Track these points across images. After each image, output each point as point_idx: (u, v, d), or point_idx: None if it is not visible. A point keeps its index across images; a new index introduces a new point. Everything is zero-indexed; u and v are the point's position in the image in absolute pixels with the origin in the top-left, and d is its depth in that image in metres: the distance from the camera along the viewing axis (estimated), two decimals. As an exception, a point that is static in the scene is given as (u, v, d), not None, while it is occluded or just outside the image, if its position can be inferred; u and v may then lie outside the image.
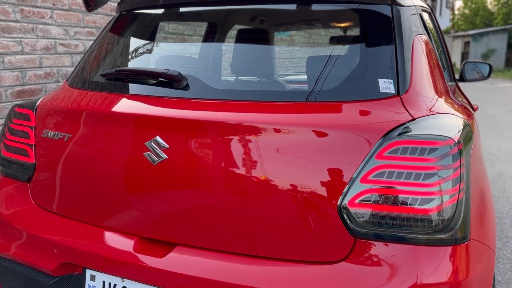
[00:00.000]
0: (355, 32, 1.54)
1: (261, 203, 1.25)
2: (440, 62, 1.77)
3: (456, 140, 1.18)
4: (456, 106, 1.60)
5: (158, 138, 1.35)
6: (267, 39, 1.86)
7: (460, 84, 3.09)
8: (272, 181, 1.24)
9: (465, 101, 2.33)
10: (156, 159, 1.34)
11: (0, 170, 1.77)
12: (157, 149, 1.34)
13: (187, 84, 1.44)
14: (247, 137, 1.28)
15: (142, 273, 1.35)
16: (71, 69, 2.95)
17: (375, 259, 1.17)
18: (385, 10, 1.46)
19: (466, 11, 29.59)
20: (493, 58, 26.22)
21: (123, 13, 1.88)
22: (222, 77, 1.70)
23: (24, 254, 1.57)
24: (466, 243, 1.19)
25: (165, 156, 1.33)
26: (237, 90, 1.46)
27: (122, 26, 1.85)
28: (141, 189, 1.39)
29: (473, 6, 28.45)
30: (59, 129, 1.55)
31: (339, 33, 1.77)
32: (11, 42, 2.54)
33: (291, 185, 1.23)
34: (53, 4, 2.78)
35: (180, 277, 1.29)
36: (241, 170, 1.28)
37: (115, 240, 1.44)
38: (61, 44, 2.87)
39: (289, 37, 1.85)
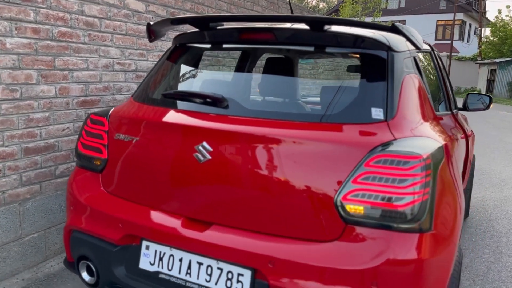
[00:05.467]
0: (358, 69, 1.98)
1: (277, 195, 1.70)
2: (429, 96, 2.19)
3: (424, 157, 1.60)
4: (438, 132, 2.02)
5: (204, 143, 1.81)
6: (289, 69, 2.31)
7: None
8: (286, 179, 1.69)
9: (456, 128, 2.73)
10: (202, 158, 1.81)
11: (77, 162, 2.26)
12: (203, 151, 1.81)
13: (228, 104, 1.92)
14: (269, 146, 1.73)
15: (187, 243, 1.81)
16: (125, 84, 3.48)
17: (360, 240, 1.60)
18: (382, 54, 1.91)
19: (494, 39, 29.60)
20: (519, 87, 26.07)
21: (178, 45, 2.37)
22: (253, 99, 2.17)
23: (95, 228, 2.04)
24: (430, 233, 1.60)
25: (209, 157, 1.80)
26: (264, 111, 1.92)
27: (176, 56, 2.34)
28: (189, 181, 1.85)
29: (501, 34, 28.45)
30: (129, 133, 2.04)
31: (346, 69, 2.22)
32: (80, 60, 3.07)
33: (301, 183, 1.67)
34: (113, 30, 3.32)
35: (215, 246, 1.74)
36: (263, 171, 1.73)
37: (166, 218, 1.90)
38: (118, 63, 3.40)
39: (309, 70, 2.31)
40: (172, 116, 1.98)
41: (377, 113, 1.76)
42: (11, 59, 2.63)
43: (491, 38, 30.46)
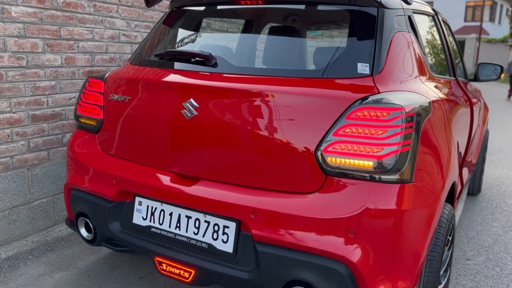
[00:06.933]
0: (348, 25, 1.96)
1: (261, 149, 1.72)
2: (424, 56, 2.15)
3: (406, 109, 1.59)
4: (428, 90, 1.99)
5: (191, 100, 1.84)
6: (289, 35, 2.30)
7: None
8: (269, 133, 1.70)
9: (459, 94, 2.67)
10: (189, 114, 1.84)
11: (76, 124, 2.34)
12: (190, 108, 1.84)
13: (216, 62, 1.94)
14: (253, 102, 1.74)
15: (176, 197, 1.85)
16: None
17: (340, 191, 1.61)
18: (372, 11, 1.88)
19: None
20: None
21: (174, 9, 2.39)
22: (242, 57, 2.18)
23: (92, 185, 2.11)
24: (410, 184, 1.59)
25: (195, 113, 1.83)
26: (251, 67, 1.93)
27: (172, 19, 2.37)
28: (177, 138, 1.89)
29: (534, 14, 27.34)
30: (122, 93, 2.08)
31: (337, 26, 2.20)
32: (85, 31, 3.14)
33: (284, 137, 1.68)
34: (119, 1, 3.37)
35: (202, 200, 1.78)
36: (247, 126, 1.75)
37: (157, 174, 1.95)
38: (124, 35, 3.45)
39: (299, 29, 2.28)
40: (162, 75, 2.02)
41: (363, 67, 1.75)
42: (16, 27, 2.70)
43: (523, 19, 29.31)
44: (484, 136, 4.10)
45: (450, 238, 2.12)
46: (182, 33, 2.35)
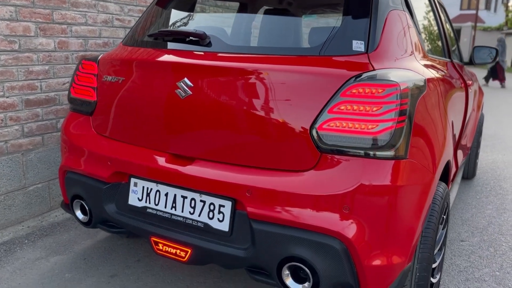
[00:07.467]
0: (343, 3, 1.94)
1: (256, 127, 1.71)
2: (419, 35, 2.14)
3: (401, 85, 1.59)
4: (423, 68, 1.98)
5: (186, 79, 1.83)
6: (282, 16, 2.29)
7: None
8: (264, 112, 1.70)
9: (454, 75, 2.67)
10: (183, 94, 1.83)
11: (70, 107, 2.32)
12: (184, 87, 1.83)
13: (210, 42, 1.92)
14: (248, 80, 1.73)
15: (171, 178, 1.85)
16: (124, 40, 3.51)
17: (335, 168, 1.61)
18: (368, -12, 1.87)
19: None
20: (547, 57, 25.08)
21: (167, -10, 2.37)
22: (236, 36, 2.17)
23: (87, 167, 2.10)
24: (405, 160, 1.59)
25: (190, 92, 1.82)
26: (245, 46, 1.92)
27: (165, 1, 2.35)
28: (171, 118, 1.88)
29: (529, 2, 27.30)
30: (115, 74, 2.07)
31: (333, 4, 2.19)
32: (78, 15, 3.11)
33: (279, 116, 1.68)
34: (112, -15, 3.34)
35: (197, 179, 1.78)
36: (242, 104, 1.74)
37: (152, 155, 1.94)
38: (117, 19, 3.42)
39: (294, 7, 2.26)
40: (156, 55, 2.00)
41: (358, 45, 1.74)
42: (8, 10, 2.67)
43: (518, 7, 29.27)
44: (479, 120, 4.11)
45: (444, 217, 2.14)
46: (175, 14, 2.33)
